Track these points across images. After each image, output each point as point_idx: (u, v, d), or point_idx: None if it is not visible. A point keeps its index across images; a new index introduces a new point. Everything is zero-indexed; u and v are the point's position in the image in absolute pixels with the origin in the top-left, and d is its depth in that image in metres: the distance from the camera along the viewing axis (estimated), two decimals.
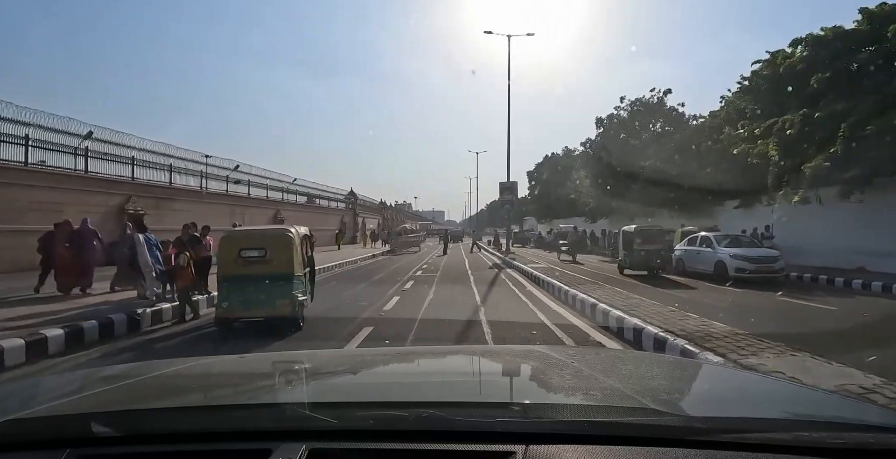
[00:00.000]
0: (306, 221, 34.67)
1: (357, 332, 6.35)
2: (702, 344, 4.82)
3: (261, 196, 27.33)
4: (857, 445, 0.89)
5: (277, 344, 5.72)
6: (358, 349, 4.86)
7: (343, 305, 8.93)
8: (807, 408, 1.24)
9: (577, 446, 0.89)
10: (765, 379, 2.05)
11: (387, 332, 6.40)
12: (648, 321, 6.02)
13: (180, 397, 1.29)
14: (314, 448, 0.91)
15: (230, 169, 24.06)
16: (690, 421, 0.98)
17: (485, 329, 6.58)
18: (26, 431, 1.01)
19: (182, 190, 19.88)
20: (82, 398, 1.27)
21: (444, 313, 7.95)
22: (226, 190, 23.71)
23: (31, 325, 5.85)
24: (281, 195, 29.93)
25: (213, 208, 20.20)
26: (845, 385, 3.48)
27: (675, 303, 7.81)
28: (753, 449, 0.88)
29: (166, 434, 1.00)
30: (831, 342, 5.58)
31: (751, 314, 7.53)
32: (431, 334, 6.33)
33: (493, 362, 1.89)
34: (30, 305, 7.40)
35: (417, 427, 0.95)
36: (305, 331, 6.47)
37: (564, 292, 9.35)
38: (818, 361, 4.17)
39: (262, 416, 1.06)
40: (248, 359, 2.11)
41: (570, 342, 6.04)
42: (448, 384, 1.47)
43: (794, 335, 5.43)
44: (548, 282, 11.04)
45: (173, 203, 18.30)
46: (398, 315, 7.72)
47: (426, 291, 10.74)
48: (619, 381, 1.38)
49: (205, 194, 21.37)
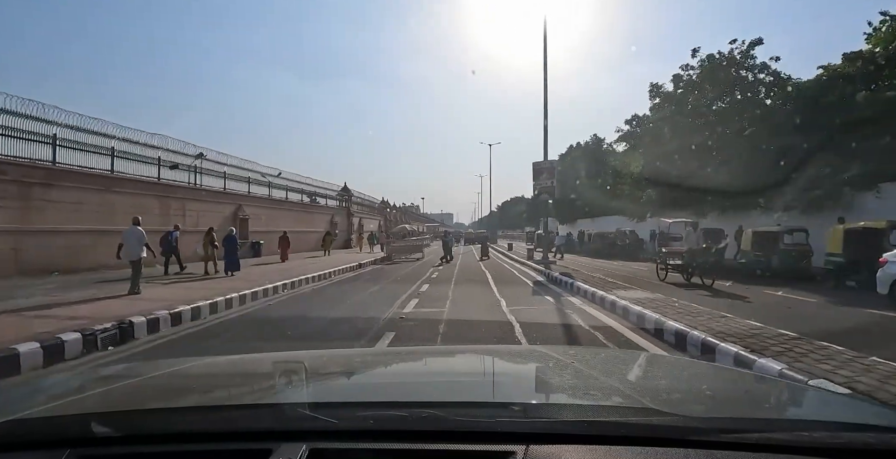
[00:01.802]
0: (281, 220, 27.10)
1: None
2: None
3: (215, 187, 23.26)
4: (857, 445, 0.92)
5: None
6: (358, 349, 4.61)
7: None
8: (807, 408, 1.31)
9: (577, 446, 0.93)
10: (765, 379, 2.13)
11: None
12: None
13: (180, 397, 1.37)
14: (315, 447, 0.95)
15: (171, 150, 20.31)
16: (690, 421, 1.01)
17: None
18: (27, 431, 1.07)
19: (65, 171, 15.50)
20: (83, 399, 1.34)
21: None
22: (157, 177, 19.48)
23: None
24: (247, 188, 26.10)
25: (130, 201, 16.64)
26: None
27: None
28: (753, 449, 0.91)
29: (166, 434, 1.05)
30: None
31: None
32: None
33: (493, 362, 1.92)
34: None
35: (418, 427, 0.99)
36: None
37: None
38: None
39: (262, 416, 1.11)
40: (248, 359, 2.11)
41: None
42: (448, 384, 1.53)
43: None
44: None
45: (49, 190, 14.53)
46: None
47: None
48: (619, 381, 1.45)
49: (115, 179, 17.19)
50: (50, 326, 6.28)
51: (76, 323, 6.44)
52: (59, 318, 6.93)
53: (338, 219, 36.12)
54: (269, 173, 27.91)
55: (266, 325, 7.92)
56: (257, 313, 8.97)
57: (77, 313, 7.35)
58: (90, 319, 6.76)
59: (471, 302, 9.82)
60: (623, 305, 8.35)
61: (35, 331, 5.98)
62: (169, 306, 7.93)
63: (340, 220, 36.90)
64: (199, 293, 9.56)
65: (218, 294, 9.38)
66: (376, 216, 49.46)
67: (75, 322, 6.52)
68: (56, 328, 6.10)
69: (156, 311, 7.44)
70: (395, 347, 5.36)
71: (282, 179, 29.20)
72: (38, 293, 9.55)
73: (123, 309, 7.61)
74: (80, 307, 7.91)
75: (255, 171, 26.19)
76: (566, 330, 7.07)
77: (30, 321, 6.70)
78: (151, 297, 9.13)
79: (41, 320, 6.82)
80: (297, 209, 30.42)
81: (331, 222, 34.26)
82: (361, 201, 46.01)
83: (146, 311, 7.41)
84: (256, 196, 25.91)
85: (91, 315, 7.04)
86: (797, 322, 6.70)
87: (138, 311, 7.39)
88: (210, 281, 12.40)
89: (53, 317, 7.02)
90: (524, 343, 6.10)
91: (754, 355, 4.84)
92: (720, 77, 23.10)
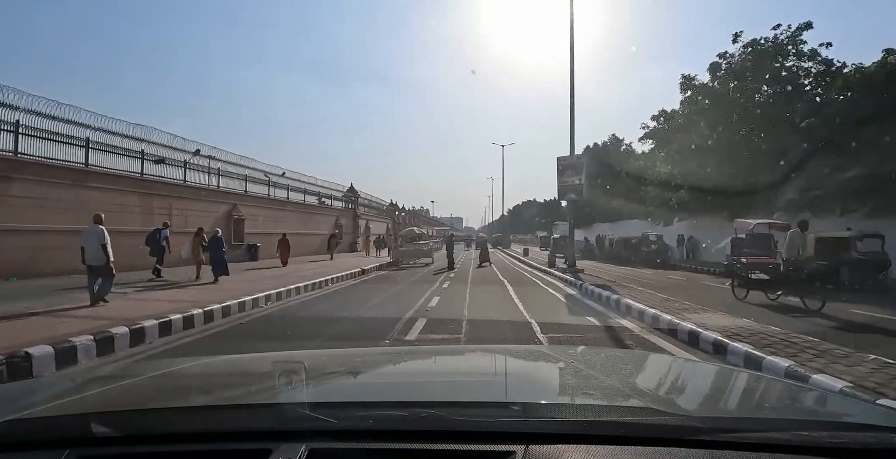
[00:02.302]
0: (282, 222, 25.42)
1: None
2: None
3: (208, 186, 21.35)
4: (857, 445, 0.93)
5: None
6: (358, 349, 4.17)
7: None
8: (807, 408, 1.29)
9: (577, 446, 0.93)
10: (765, 379, 1.99)
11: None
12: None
13: (180, 397, 1.38)
14: (314, 447, 0.95)
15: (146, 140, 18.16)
16: (690, 421, 1.02)
17: None
18: (26, 431, 1.07)
19: (27, 163, 13.92)
20: (82, 399, 1.35)
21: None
22: (140, 172, 17.74)
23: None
24: (244, 186, 24.31)
25: (106, 197, 15.00)
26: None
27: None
28: (753, 449, 0.91)
29: (166, 434, 1.06)
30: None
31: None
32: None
33: (493, 361, 1.92)
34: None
35: (417, 427, 1.00)
36: None
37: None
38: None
39: (262, 416, 1.12)
40: (247, 359, 2.11)
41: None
42: (448, 384, 1.53)
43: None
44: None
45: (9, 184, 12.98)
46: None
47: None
48: (619, 381, 1.44)
49: (89, 173, 15.36)
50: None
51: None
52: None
53: (343, 221, 35.60)
54: (271, 172, 27.05)
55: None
56: (222, 337, 7.08)
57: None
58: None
59: (493, 326, 7.84)
60: (714, 339, 6.06)
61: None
62: (108, 326, 6.31)
63: (346, 222, 36.43)
64: (167, 307, 8.04)
65: (177, 311, 7.72)
66: (385, 219, 48.28)
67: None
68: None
69: (82, 336, 5.77)
70: (395, 347, 5.30)
71: (285, 179, 28.31)
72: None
73: (53, 330, 6.11)
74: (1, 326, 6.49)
75: (255, 168, 24.53)
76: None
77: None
78: (107, 313, 7.50)
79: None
80: (299, 210, 29.52)
81: (336, 225, 33.72)
82: (369, 203, 45.25)
83: (75, 334, 5.83)
84: (255, 195, 25.03)
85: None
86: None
87: (65, 334, 5.81)
88: (193, 289, 11.17)
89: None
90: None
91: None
92: (765, 65, 21.12)
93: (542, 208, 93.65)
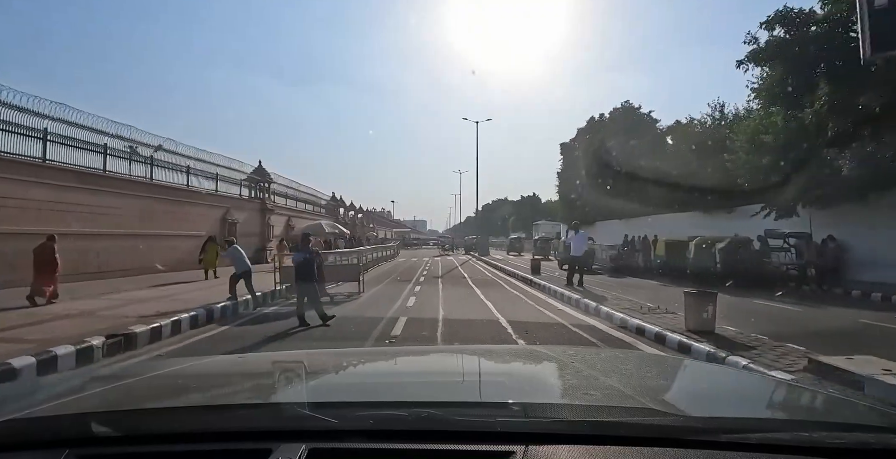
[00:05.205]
0: (106, 215, 15.54)
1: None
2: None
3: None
4: (857, 445, 0.92)
5: None
6: (358, 349, 4.40)
7: None
8: (807, 408, 1.30)
9: (576, 446, 0.93)
10: (765, 379, 2.12)
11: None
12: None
13: (180, 397, 1.36)
14: (314, 447, 0.95)
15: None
16: (690, 421, 1.02)
17: None
18: (26, 431, 1.06)
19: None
20: (82, 398, 1.34)
21: None
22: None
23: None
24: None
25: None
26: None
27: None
28: (753, 449, 0.91)
29: (166, 434, 1.04)
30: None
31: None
32: None
33: (492, 362, 1.92)
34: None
35: (417, 427, 0.99)
36: None
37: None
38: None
39: (261, 416, 1.11)
40: (247, 359, 2.17)
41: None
42: (448, 384, 1.52)
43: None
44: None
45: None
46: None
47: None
48: (619, 381, 1.43)
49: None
50: None
51: None
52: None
53: (240, 216, 23.25)
54: (137, 140, 17.26)
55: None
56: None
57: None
58: None
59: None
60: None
61: None
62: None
63: (247, 218, 24.28)
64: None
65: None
66: (325, 217, 35.85)
67: None
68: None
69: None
70: (395, 347, 5.49)
71: (167, 151, 18.58)
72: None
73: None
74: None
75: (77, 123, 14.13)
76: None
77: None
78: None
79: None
80: (151, 195, 17.49)
81: (223, 222, 21.72)
82: (296, 193, 32.88)
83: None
84: (57, 167, 13.95)
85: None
86: None
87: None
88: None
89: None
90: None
91: None
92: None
93: (516, 206, 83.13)
